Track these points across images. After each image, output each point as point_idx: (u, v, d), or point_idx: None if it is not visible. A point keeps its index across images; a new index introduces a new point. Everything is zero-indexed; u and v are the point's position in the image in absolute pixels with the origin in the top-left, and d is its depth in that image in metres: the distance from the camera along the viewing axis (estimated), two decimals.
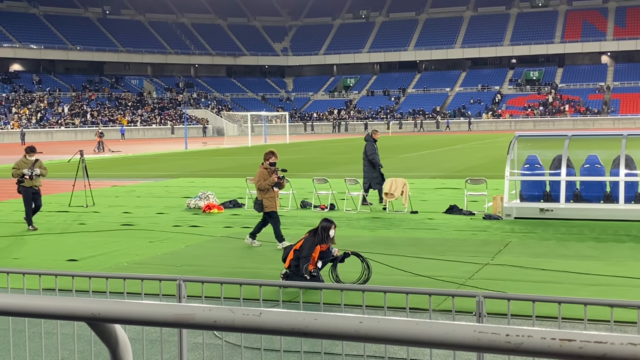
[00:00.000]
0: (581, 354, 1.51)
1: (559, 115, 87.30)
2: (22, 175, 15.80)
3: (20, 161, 16.12)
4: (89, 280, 5.95)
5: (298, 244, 10.66)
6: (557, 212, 16.29)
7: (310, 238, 10.56)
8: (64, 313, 1.88)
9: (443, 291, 7.25)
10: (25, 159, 16.09)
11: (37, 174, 15.91)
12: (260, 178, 13.42)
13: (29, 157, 16.08)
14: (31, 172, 15.80)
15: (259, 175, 13.52)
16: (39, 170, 16.01)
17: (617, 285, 10.13)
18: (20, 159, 16.19)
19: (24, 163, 16.03)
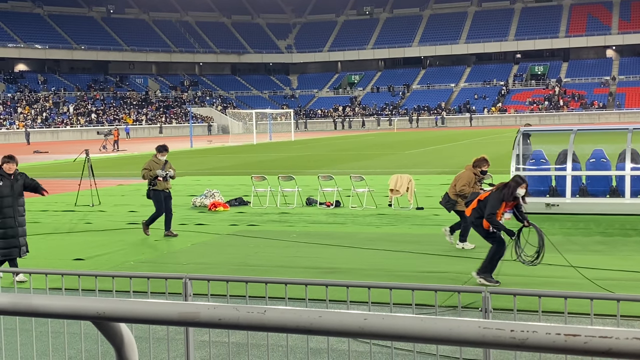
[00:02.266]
0: (586, 349, 1.51)
1: (565, 109, 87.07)
2: (155, 177, 14.67)
3: (150, 161, 14.88)
4: (95, 280, 5.96)
5: (483, 195, 10.27)
6: (563, 206, 16.26)
7: (496, 193, 10.08)
8: (69, 312, 1.89)
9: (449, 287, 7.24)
10: (156, 158, 14.91)
11: (171, 175, 14.82)
12: (466, 182, 12.68)
13: (160, 157, 14.91)
14: (165, 173, 14.70)
15: (465, 178, 12.79)
16: (173, 171, 14.98)
17: (624, 279, 10.11)
18: (151, 159, 14.97)
19: (156, 164, 14.82)
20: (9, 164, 11.11)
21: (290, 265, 11.72)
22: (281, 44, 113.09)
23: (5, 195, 10.88)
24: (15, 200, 10.96)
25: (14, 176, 11.05)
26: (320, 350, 7.48)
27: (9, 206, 10.88)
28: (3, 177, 10.98)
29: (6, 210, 10.87)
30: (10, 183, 10.95)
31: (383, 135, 68.55)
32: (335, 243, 13.53)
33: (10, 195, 10.89)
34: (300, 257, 12.38)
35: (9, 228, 10.85)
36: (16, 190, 10.98)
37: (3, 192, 10.89)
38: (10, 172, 11.03)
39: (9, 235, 10.85)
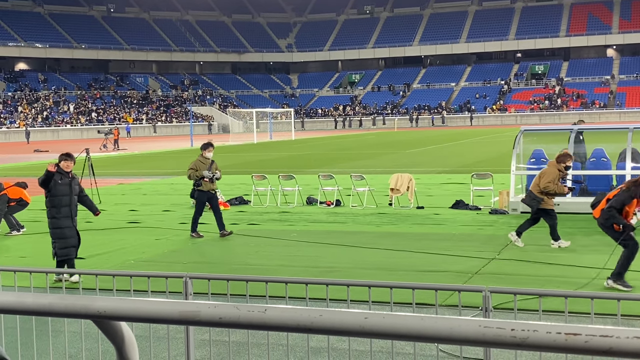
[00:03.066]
0: (587, 348, 1.51)
1: (564, 109, 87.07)
2: (201, 177, 14.08)
3: (197, 161, 14.26)
4: (95, 278, 5.96)
5: (612, 193, 9.99)
6: (564, 206, 16.25)
7: (626, 190, 9.71)
8: (70, 311, 1.89)
9: (449, 286, 7.25)
10: (202, 157, 14.26)
11: (217, 177, 14.23)
12: (551, 179, 12.31)
13: (207, 154, 14.26)
14: (212, 175, 14.11)
15: (550, 174, 12.39)
16: (219, 173, 14.36)
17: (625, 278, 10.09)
18: (197, 158, 14.34)
19: (202, 163, 14.19)
20: (67, 161, 10.74)
21: (291, 264, 11.72)
22: (282, 43, 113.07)
23: (64, 195, 10.54)
24: (73, 200, 10.67)
25: (71, 174, 10.72)
26: (321, 349, 7.49)
27: (67, 205, 10.54)
28: (62, 175, 10.59)
29: (64, 210, 10.53)
30: (69, 182, 10.62)
31: (383, 134, 68.55)
32: (335, 242, 13.53)
33: (68, 195, 10.57)
34: (301, 256, 12.38)
35: (67, 228, 10.52)
36: (74, 190, 10.66)
37: (61, 191, 10.53)
38: (68, 170, 10.70)
39: (67, 235, 10.53)
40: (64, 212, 10.52)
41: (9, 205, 15.29)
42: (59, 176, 10.58)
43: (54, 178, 10.55)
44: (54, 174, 10.51)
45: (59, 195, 10.51)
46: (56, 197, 10.56)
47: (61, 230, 10.49)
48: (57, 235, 10.54)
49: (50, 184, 10.57)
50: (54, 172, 10.48)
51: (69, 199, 10.55)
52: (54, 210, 10.57)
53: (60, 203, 10.49)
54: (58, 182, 10.53)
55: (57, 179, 10.57)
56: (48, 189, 10.62)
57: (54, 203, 10.58)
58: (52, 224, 10.64)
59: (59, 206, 10.49)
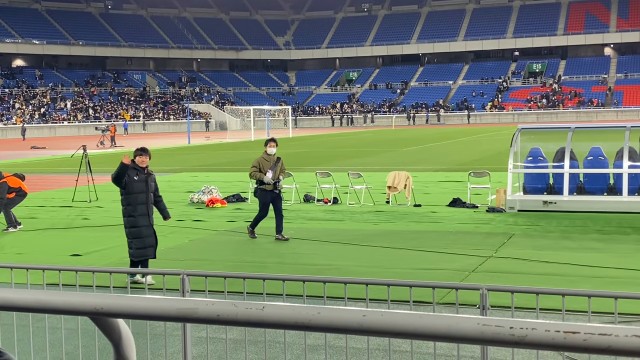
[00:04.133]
0: (585, 346, 1.51)
1: (561, 107, 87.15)
2: (261, 179, 13.45)
3: (260, 159, 13.55)
4: (92, 275, 5.95)
5: None
6: (561, 204, 16.27)
7: None
8: (67, 308, 1.88)
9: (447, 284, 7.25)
10: (265, 155, 13.56)
11: (278, 188, 13.51)
12: None
13: (270, 150, 13.56)
14: (275, 181, 13.40)
15: None
16: (282, 177, 13.69)
17: (621, 277, 10.12)
18: (261, 155, 13.65)
19: (266, 161, 13.48)
20: (143, 156, 10.23)
21: (288, 261, 11.72)
22: (279, 41, 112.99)
23: (140, 192, 10.05)
24: (149, 198, 10.18)
25: (147, 170, 10.23)
26: (318, 346, 7.49)
27: (143, 203, 10.07)
28: (137, 171, 10.13)
29: (140, 208, 10.05)
30: (145, 178, 10.12)
31: (381, 132, 68.55)
32: (333, 240, 13.53)
33: (144, 192, 10.08)
34: (298, 254, 12.38)
35: (144, 227, 10.04)
36: (150, 187, 10.18)
37: (137, 188, 10.04)
38: (144, 165, 10.20)
39: (144, 234, 10.06)
40: (140, 211, 10.04)
41: (9, 197, 15.32)
42: (134, 172, 10.08)
43: (128, 174, 10.04)
44: (127, 167, 10.00)
45: (135, 192, 10.02)
46: (131, 194, 10.06)
47: (138, 230, 10.01)
48: (134, 235, 10.04)
49: (124, 180, 10.05)
50: (128, 165, 9.98)
51: (145, 197, 10.08)
52: (130, 208, 10.08)
53: (136, 201, 10.02)
54: (133, 178, 10.04)
55: (133, 175, 10.06)
56: (122, 185, 10.13)
57: (130, 201, 10.08)
58: (128, 223, 10.13)
59: (135, 204, 10.02)
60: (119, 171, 10.06)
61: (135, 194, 10.02)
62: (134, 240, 10.05)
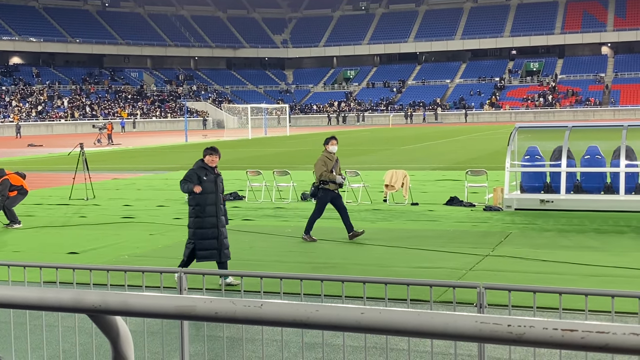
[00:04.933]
0: (583, 344, 1.51)
1: (559, 105, 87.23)
2: (333, 180, 12.98)
3: (323, 158, 13.08)
4: (89, 273, 5.95)
5: None
6: (558, 203, 16.29)
7: None
8: (65, 305, 1.88)
9: (444, 282, 7.27)
10: (327, 153, 13.12)
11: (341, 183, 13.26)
12: None
13: (331, 148, 13.12)
14: (341, 181, 13.16)
15: None
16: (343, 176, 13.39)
17: (618, 276, 10.14)
18: (322, 154, 13.15)
19: (329, 160, 13.03)
20: (212, 156, 9.98)
21: (285, 260, 11.72)
22: (277, 39, 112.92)
23: (209, 192, 9.74)
24: (219, 198, 9.87)
25: (216, 171, 9.98)
26: (315, 344, 7.49)
27: (212, 204, 9.74)
28: (207, 170, 9.87)
29: (209, 209, 9.72)
30: (214, 178, 9.84)
31: (378, 130, 68.56)
32: (330, 238, 13.53)
33: (214, 192, 9.78)
34: (295, 252, 12.38)
35: (210, 228, 9.71)
36: (219, 188, 9.90)
37: (207, 188, 9.73)
38: (214, 165, 9.95)
39: (210, 236, 9.72)
40: (209, 212, 9.73)
41: (11, 195, 15.38)
42: (203, 172, 9.82)
43: (198, 174, 9.80)
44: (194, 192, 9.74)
45: (204, 193, 9.70)
46: (201, 195, 9.73)
47: (203, 231, 9.70)
48: (198, 236, 9.71)
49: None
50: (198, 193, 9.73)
51: (214, 197, 9.77)
52: (198, 209, 9.74)
53: (206, 201, 9.70)
54: (203, 178, 9.76)
55: (202, 175, 9.80)
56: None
57: (199, 201, 9.75)
58: (194, 224, 9.78)
59: (204, 205, 9.71)
60: (186, 190, 9.89)
61: (205, 194, 9.73)
62: (197, 241, 9.73)
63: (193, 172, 9.90)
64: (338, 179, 12.99)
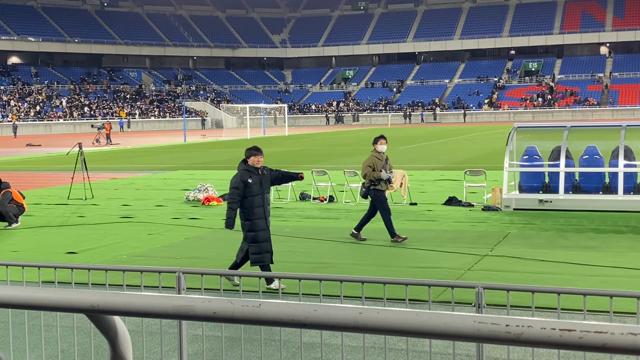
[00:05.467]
0: (581, 344, 1.51)
1: (558, 105, 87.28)
2: (378, 178, 12.80)
3: (372, 157, 12.93)
4: (88, 273, 5.94)
5: None
6: (556, 203, 16.29)
7: None
8: (63, 305, 1.88)
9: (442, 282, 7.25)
10: (376, 153, 12.97)
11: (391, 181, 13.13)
12: None
13: (380, 148, 12.96)
14: (389, 176, 12.93)
15: None
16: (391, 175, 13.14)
17: (616, 275, 10.14)
18: (371, 154, 13.02)
19: (378, 160, 12.90)
20: (258, 156, 9.78)
21: (284, 259, 11.71)
22: (275, 39, 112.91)
23: (256, 194, 9.56)
24: (265, 199, 9.71)
25: (261, 171, 9.77)
26: (313, 344, 7.49)
27: (259, 206, 9.58)
28: (251, 172, 9.67)
29: (257, 211, 9.57)
30: (259, 179, 9.65)
31: (377, 130, 68.53)
32: (328, 238, 13.53)
33: (260, 194, 9.59)
34: (294, 252, 12.38)
35: (261, 231, 9.57)
36: (265, 188, 9.71)
37: (253, 191, 9.55)
38: (259, 165, 9.74)
39: (261, 239, 9.59)
40: (258, 214, 9.58)
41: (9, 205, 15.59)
42: (247, 175, 9.62)
43: (242, 178, 9.62)
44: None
45: (251, 195, 9.55)
46: (248, 198, 9.58)
47: (255, 234, 9.57)
48: (251, 239, 9.62)
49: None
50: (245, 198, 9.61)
51: (261, 199, 9.59)
52: (247, 211, 9.61)
53: (253, 204, 9.55)
54: (248, 181, 9.58)
55: (247, 179, 9.60)
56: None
57: (246, 204, 9.61)
58: (245, 227, 9.69)
59: (251, 207, 9.56)
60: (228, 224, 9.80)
61: (252, 197, 9.57)
62: (251, 245, 9.64)
63: (238, 180, 9.66)
64: (382, 174, 12.71)
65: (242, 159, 9.98)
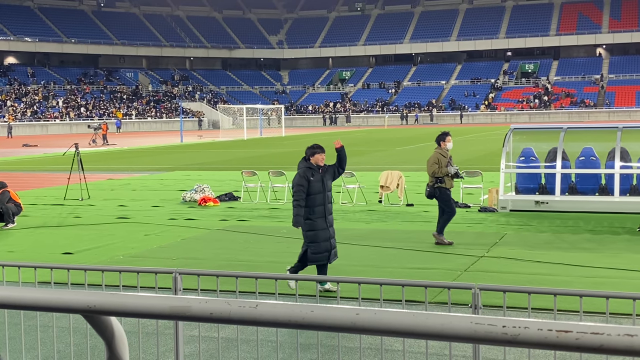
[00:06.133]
0: (578, 345, 1.51)
1: (555, 106, 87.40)
2: (446, 174, 12.54)
3: (437, 154, 12.58)
4: (84, 274, 5.94)
5: None
6: (553, 204, 16.31)
7: None
8: (60, 305, 1.88)
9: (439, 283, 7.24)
10: (441, 150, 12.66)
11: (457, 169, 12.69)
12: None
13: (446, 145, 12.67)
14: (456, 169, 12.63)
15: None
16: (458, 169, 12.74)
17: (613, 277, 10.16)
18: (436, 151, 12.68)
19: (443, 157, 12.54)
20: (321, 154, 9.67)
21: (281, 260, 11.71)
22: (272, 40, 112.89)
23: (317, 192, 9.44)
24: (327, 197, 9.57)
25: (322, 169, 9.63)
26: (310, 345, 7.49)
27: (321, 204, 9.45)
28: (313, 170, 9.54)
29: (318, 210, 9.45)
30: (321, 177, 9.53)
31: (373, 131, 68.59)
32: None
33: (321, 192, 9.47)
34: (291, 253, 12.36)
35: (321, 230, 9.42)
36: (327, 186, 9.58)
37: (316, 189, 9.43)
38: (322, 164, 9.65)
39: (321, 238, 9.42)
40: (319, 212, 9.44)
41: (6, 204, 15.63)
42: (310, 173, 9.48)
43: (306, 176, 9.45)
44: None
45: (313, 193, 9.42)
46: (310, 196, 9.44)
47: (315, 233, 9.41)
48: (311, 239, 9.45)
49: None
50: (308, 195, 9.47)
51: (322, 197, 9.47)
52: (308, 210, 9.48)
53: (315, 202, 9.41)
54: (311, 179, 9.45)
55: (309, 176, 9.46)
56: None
57: (308, 203, 9.48)
58: (306, 226, 9.50)
59: (313, 206, 9.42)
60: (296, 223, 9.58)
61: (313, 195, 9.43)
62: (310, 244, 9.47)
63: (301, 178, 9.52)
64: (450, 168, 12.45)
65: (302, 157, 9.85)
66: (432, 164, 12.57)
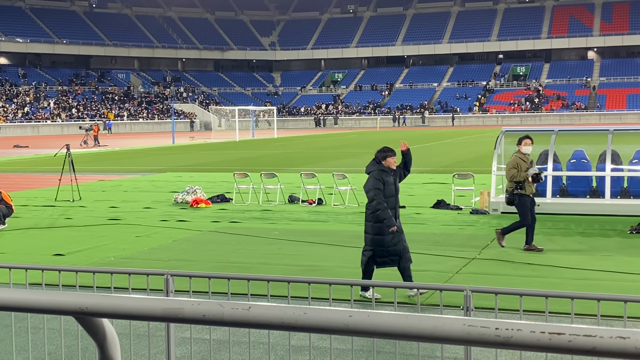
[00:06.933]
0: (570, 347, 1.51)
1: (546, 109, 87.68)
2: (525, 178, 12.00)
3: (516, 158, 12.10)
4: (75, 275, 5.91)
5: None
6: (544, 206, 16.35)
7: None
8: (51, 307, 1.87)
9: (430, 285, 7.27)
10: (520, 154, 12.13)
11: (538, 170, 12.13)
12: None
13: (525, 149, 12.16)
14: (538, 172, 12.04)
15: None
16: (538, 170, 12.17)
17: (604, 279, 10.19)
18: (515, 155, 12.18)
19: (523, 161, 12.02)
20: (394, 157, 9.44)
21: (273, 262, 11.70)
22: (265, 41, 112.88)
23: (390, 196, 9.21)
24: (398, 201, 9.39)
25: (393, 172, 9.43)
26: (302, 347, 7.48)
27: (392, 208, 9.23)
28: (386, 173, 9.29)
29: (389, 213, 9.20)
30: (393, 180, 9.34)
31: (366, 133, 68.65)
32: (317, 241, 13.52)
33: (394, 195, 9.27)
34: (283, 255, 12.37)
35: (391, 234, 9.16)
36: (397, 189, 9.39)
37: (388, 192, 9.17)
38: (394, 167, 9.43)
39: (390, 242, 9.15)
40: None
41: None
42: (385, 175, 9.24)
43: (383, 179, 9.23)
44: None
45: (386, 196, 9.17)
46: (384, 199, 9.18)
47: (382, 238, 9.11)
48: (378, 243, 9.12)
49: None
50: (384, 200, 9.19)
51: (394, 201, 9.25)
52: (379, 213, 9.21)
53: (387, 206, 9.16)
54: (386, 181, 9.24)
55: (385, 178, 9.23)
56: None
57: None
58: (372, 230, 9.21)
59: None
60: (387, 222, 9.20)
61: (387, 198, 9.17)
62: (376, 248, 9.15)
63: (377, 181, 9.24)
64: (530, 171, 11.90)
65: (371, 160, 9.62)
66: (511, 168, 12.06)
